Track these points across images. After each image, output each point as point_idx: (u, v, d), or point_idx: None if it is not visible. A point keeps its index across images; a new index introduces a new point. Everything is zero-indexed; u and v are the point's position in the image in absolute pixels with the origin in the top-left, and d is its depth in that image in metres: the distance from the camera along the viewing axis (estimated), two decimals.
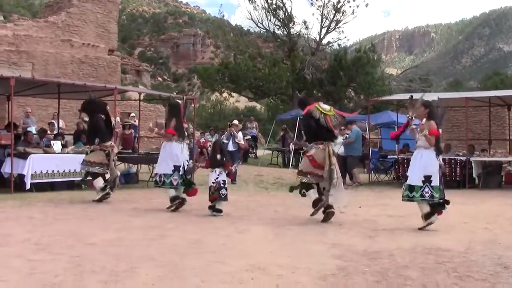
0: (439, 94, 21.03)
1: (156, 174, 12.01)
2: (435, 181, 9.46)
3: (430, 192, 9.43)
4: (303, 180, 10.48)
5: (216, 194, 11.01)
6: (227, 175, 11.50)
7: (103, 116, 13.34)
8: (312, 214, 10.45)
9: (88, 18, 29.83)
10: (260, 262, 6.74)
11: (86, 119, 13.54)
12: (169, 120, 11.90)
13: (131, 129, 22.17)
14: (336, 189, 10.24)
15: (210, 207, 11.08)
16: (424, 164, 9.60)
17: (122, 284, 5.64)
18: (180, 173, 11.61)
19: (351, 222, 10.42)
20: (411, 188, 9.61)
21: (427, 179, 9.49)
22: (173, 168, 11.59)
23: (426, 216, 9.48)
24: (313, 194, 10.50)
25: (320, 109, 10.52)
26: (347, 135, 19.15)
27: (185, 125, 12.05)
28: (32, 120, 21.87)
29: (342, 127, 18.40)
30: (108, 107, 13.81)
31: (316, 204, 10.42)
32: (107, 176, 13.13)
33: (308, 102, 10.97)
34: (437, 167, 9.55)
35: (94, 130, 13.27)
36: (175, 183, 11.59)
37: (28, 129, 18.98)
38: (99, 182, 13.02)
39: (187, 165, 11.77)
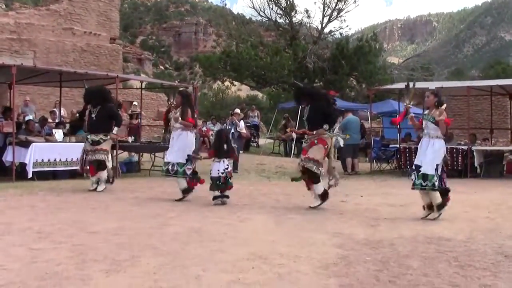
0: (441, 83, 20.98)
1: (167, 162, 11.77)
2: (439, 169, 9.47)
3: (438, 181, 9.43)
4: (317, 171, 10.42)
5: (229, 184, 11.03)
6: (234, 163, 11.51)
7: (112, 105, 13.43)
8: (316, 206, 10.50)
9: (90, 6, 29.82)
10: (261, 251, 6.75)
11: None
12: (184, 109, 11.77)
13: (138, 119, 22.20)
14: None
15: (217, 197, 11.04)
16: (437, 153, 9.57)
17: (124, 273, 5.66)
18: (193, 163, 11.61)
19: (352, 211, 10.43)
20: (425, 177, 9.51)
21: (437, 167, 9.50)
22: (186, 158, 11.55)
23: (439, 207, 9.44)
24: (322, 186, 10.56)
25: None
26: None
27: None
28: (31, 109, 21.87)
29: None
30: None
31: (325, 196, 10.54)
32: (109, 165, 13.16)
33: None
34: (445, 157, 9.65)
35: (111, 118, 13.20)
36: (188, 173, 11.55)
37: (26, 118, 18.97)
38: (104, 174, 13.02)
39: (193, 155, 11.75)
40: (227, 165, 11.03)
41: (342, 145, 11.39)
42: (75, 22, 28.96)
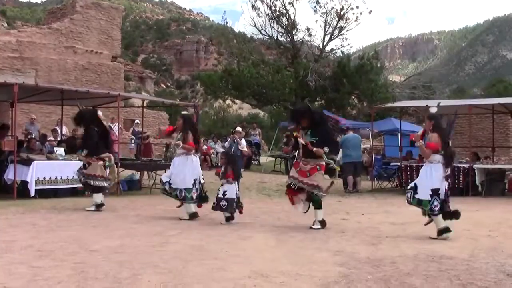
0: (442, 101, 21.02)
1: (175, 188, 11.67)
2: (442, 194, 9.41)
3: (438, 205, 9.38)
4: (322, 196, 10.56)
5: (241, 208, 11.13)
6: None
7: (96, 128, 13.23)
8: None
9: (91, 24, 29.93)
10: (263, 269, 6.74)
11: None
12: (185, 133, 11.78)
13: (149, 139, 22.33)
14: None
15: (229, 218, 11.06)
16: (432, 177, 9.53)
17: None
18: (197, 186, 11.57)
19: (353, 229, 10.42)
20: (419, 202, 9.55)
21: (435, 192, 9.41)
22: (193, 182, 11.54)
23: (439, 233, 9.40)
24: (322, 213, 10.67)
25: None
26: None
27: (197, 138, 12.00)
28: (36, 127, 21.89)
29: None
30: (100, 114, 13.69)
31: (323, 224, 10.55)
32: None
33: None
34: (443, 180, 9.48)
35: (85, 142, 13.24)
36: (195, 197, 11.56)
37: (30, 136, 19.00)
38: (98, 198, 12.96)
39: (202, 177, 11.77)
40: (238, 187, 11.23)
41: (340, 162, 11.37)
42: (76, 41, 29.07)
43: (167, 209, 12.48)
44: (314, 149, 10.27)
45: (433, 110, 10.09)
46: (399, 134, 24.45)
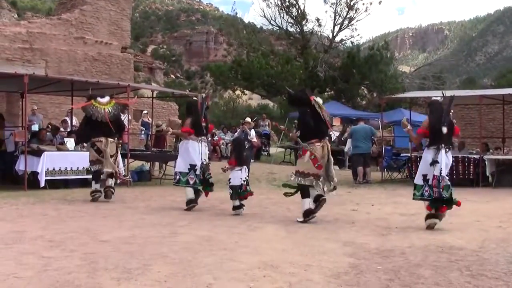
0: (453, 91, 20.90)
1: (174, 172, 11.89)
2: (431, 180, 9.39)
3: (429, 191, 9.40)
4: (303, 182, 10.11)
5: (249, 192, 11.04)
6: None
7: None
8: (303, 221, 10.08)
9: (101, 15, 29.91)
10: (273, 259, 6.74)
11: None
12: (185, 118, 11.88)
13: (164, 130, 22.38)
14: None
15: (238, 207, 11.00)
16: (422, 163, 9.67)
17: (135, 281, 5.66)
18: (197, 172, 11.48)
19: (363, 220, 10.41)
20: (416, 187, 9.71)
21: (425, 177, 9.52)
22: (189, 167, 11.47)
23: (426, 217, 9.41)
24: (307, 203, 10.10)
25: (318, 103, 10.30)
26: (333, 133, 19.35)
27: (203, 124, 11.84)
28: (38, 118, 21.92)
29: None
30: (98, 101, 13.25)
31: (308, 214, 10.01)
32: (105, 170, 12.81)
33: (305, 96, 10.58)
34: (431, 165, 9.39)
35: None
36: (191, 182, 11.45)
37: (32, 127, 19.06)
38: (92, 186, 12.98)
39: (203, 164, 11.58)
40: (248, 172, 11.10)
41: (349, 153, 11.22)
42: (86, 31, 29.05)
43: (177, 200, 12.49)
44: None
45: (439, 99, 10.05)
46: (409, 125, 24.36)
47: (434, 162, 9.28)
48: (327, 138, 10.40)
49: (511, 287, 5.70)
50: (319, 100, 10.44)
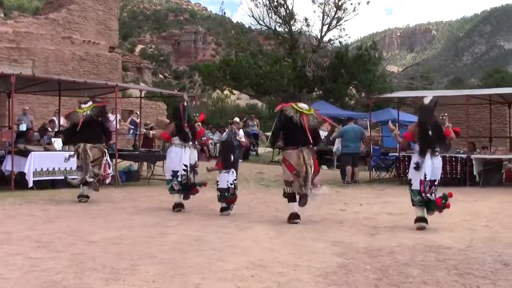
0: (440, 91, 20.98)
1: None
2: (415, 185, 9.40)
3: (410, 195, 9.50)
4: (289, 191, 10.10)
5: (236, 196, 11.02)
6: None
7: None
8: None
9: (88, 15, 29.83)
10: (261, 259, 6.75)
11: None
12: (170, 123, 11.89)
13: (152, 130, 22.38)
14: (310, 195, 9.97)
15: (225, 209, 10.95)
16: (410, 167, 9.70)
17: (123, 282, 5.65)
18: (179, 179, 11.43)
19: (351, 220, 10.43)
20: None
21: (409, 182, 9.62)
22: (172, 174, 11.51)
23: (415, 220, 9.45)
24: (294, 207, 10.08)
25: (296, 108, 10.09)
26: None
27: (186, 129, 11.75)
28: (28, 118, 21.84)
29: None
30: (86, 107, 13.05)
31: (293, 217, 9.97)
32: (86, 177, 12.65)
33: (287, 99, 10.56)
34: (416, 169, 9.41)
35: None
36: (176, 188, 11.49)
37: (20, 127, 18.96)
38: (80, 189, 12.91)
39: (186, 168, 11.50)
40: (236, 176, 11.06)
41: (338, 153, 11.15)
42: (74, 31, 28.96)
43: (165, 200, 12.46)
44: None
45: (426, 100, 10.05)
46: (397, 124, 24.45)
47: (417, 167, 9.33)
48: (308, 147, 9.99)
49: (498, 285, 5.73)
50: (301, 105, 10.19)
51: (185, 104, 11.94)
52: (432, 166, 9.39)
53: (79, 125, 12.59)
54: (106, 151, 13.24)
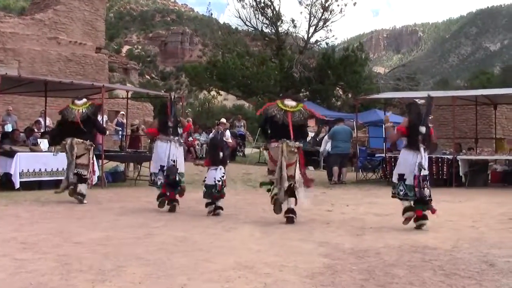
0: (426, 92, 21.04)
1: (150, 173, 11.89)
2: (409, 180, 9.45)
3: (404, 190, 9.47)
4: (271, 179, 10.31)
5: (223, 193, 11.00)
6: None
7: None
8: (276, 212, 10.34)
9: (75, 15, 29.72)
10: (248, 260, 6.74)
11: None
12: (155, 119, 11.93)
13: (139, 130, 22.38)
14: (298, 190, 10.06)
15: (210, 203, 10.90)
16: (400, 162, 9.75)
17: (109, 283, 5.63)
18: (165, 173, 11.43)
19: (338, 221, 10.44)
20: (393, 184, 9.76)
21: (401, 177, 9.55)
22: (159, 168, 11.49)
23: (403, 211, 9.50)
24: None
25: (281, 106, 10.19)
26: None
27: (170, 124, 11.71)
28: (13, 118, 21.73)
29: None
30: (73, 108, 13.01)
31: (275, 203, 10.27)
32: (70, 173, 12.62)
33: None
34: (413, 165, 9.43)
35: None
36: (158, 183, 11.49)
37: (5, 127, 18.88)
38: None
39: (169, 164, 11.44)
40: (224, 173, 11.03)
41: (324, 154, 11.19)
42: (60, 32, 28.85)
43: (152, 201, 12.43)
44: None
45: (420, 102, 10.15)
46: (383, 125, 24.53)
47: (421, 165, 9.38)
48: (290, 141, 10.01)
49: (484, 286, 5.75)
50: (288, 103, 10.26)
51: (172, 99, 11.96)
52: (425, 161, 9.52)
53: (75, 122, 12.57)
54: (91, 149, 13.16)
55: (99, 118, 16.44)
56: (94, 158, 13.70)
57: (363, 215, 11.26)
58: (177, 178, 11.49)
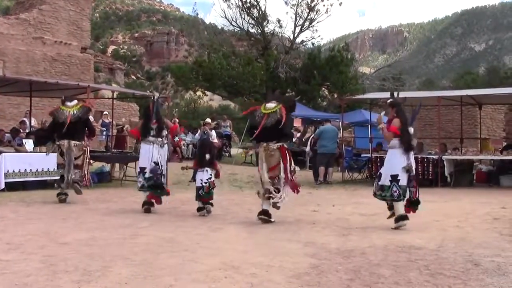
0: (412, 92, 21.17)
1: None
2: (403, 181, 9.48)
3: (398, 191, 9.46)
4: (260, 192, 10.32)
5: (211, 195, 10.98)
6: (215, 175, 11.33)
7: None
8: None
9: (60, 15, 29.61)
10: (234, 260, 6.74)
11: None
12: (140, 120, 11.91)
13: (124, 130, 22.28)
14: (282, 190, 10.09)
15: (202, 208, 10.94)
16: (391, 163, 9.67)
17: (95, 284, 5.61)
18: (146, 175, 11.36)
19: (324, 221, 10.46)
20: (382, 187, 9.65)
21: (394, 178, 9.49)
22: (138, 170, 11.55)
23: (396, 220, 9.48)
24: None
25: (262, 109, 10.26)
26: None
27: (153, 126, 11.68)
28: None
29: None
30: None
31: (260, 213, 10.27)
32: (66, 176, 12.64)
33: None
34: (405, 166, 9.49)
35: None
36: (139, 185, 11.48)
37: None
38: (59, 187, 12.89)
39: (151, 166, 11.39)
40: (210, 174, 11.00)
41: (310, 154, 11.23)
42: (45, 31, 28.74)
43: (138, 201, 12.40)
44: None
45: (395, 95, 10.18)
46: (369, 125, 24.61)
47: (409, 166, 9.43)
48: (271, 143, 10.11)
49: (469, 285, 5.79)
50: (268, 105, 10.29)
51: (155, 100, 11.91)
52: (413, 162, 9.63)
53: (67, 124, 12.54)
54: (87, 149, 13.21)
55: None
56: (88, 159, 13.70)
57: (349, 215, 11.29)
58: (159, 181, 11.47)
